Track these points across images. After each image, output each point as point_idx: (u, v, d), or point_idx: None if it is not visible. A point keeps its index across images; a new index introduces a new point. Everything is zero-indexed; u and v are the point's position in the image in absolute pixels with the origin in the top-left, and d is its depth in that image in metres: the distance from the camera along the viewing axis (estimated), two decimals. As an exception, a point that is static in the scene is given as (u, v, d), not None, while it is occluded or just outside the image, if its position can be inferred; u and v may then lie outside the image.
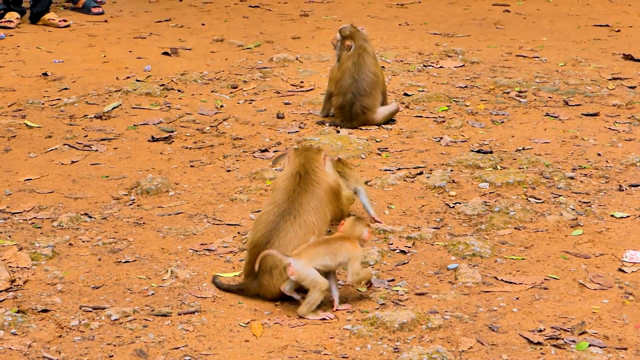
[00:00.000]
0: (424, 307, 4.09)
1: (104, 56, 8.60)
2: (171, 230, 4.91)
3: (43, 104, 7.13)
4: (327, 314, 4.01)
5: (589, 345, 3.77)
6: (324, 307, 4.05)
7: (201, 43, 9.16)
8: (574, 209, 5.12)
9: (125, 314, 4.01)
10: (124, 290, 4.26)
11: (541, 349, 3.77)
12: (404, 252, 4.66)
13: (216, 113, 6.92)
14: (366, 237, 4.13)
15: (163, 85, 7.60)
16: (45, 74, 7.91)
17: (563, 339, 3.82)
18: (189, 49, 8.88)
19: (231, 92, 7.47)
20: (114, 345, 3.79)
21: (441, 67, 8.17)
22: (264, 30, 9.79)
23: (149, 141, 6.33)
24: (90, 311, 4.05)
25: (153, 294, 4.23)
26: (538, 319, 4.00)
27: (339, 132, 6.44)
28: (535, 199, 5.27)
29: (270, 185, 5.35)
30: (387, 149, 6.17)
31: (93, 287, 4.29)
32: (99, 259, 4.58)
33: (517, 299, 4.18)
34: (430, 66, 8.19)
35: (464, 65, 8.24)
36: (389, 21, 10.29)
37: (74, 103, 7.13)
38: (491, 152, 6.01)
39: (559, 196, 5.30)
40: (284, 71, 8.05)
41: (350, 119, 6.54)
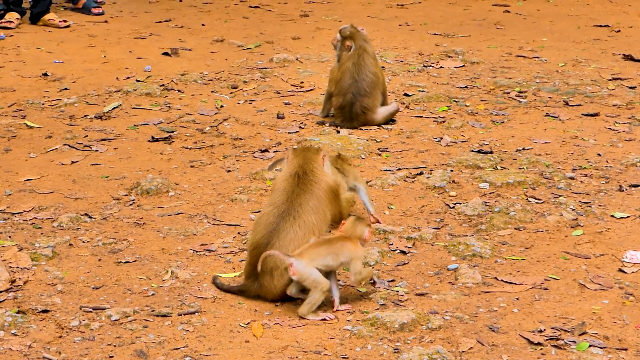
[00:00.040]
0: (424, 308, 4.09)
1: (104, 56, 8.60)
2: (171, 230, 4.91)
3: (43, 104, 7.13)
4: (328, 315, 4.01)
5: (589, 346, 3.76)
6: (324, 307, 4.05)
7: (201, 43, 9.16)
8: (574, 209, 5.12)
9: (125, 314, 4.01)
10: (124, 291, 4.26)
11: (541, 349, 3.77)
12: (404, 252, 4.65)
13: (216, 113, 6.92)
14: (367, 236, 4.13)
15: (163, 85, 7.60)
16: (46, 74, 7.91)
17: (563, 339, 3.82)
18: (189, 50, 8.88)
19: (231, 93, 7.46)
20: (114, 346, 3.79)
21: (441, 67, 8.17)
22: (264, 30, 9.79)
23: (149, 141, 6.33)
24: (91, 312, 4.05)
25: (153, 294, 4.23)
26: (538, 320, 4.00)
27: (339, 132, 6.43)
28: (536, 199, 5.27)
29: (270, 186, 5.35)
30: (387, 149, 6.16)
31: (93, 288, 4.29)
32: (99, 260, 4.58)
33: (517, 299, 4.18)
34: (430, 66, 8.19)
35: (464, 65, 8.24)
36: (389, 21, 10.29)
37: (74, 103, 7.13)
38: (491, 153, 6.01)
39: (559, 196, 5.30)
40: (284, 71, 8.05)
41: (351, 119, 6.54)
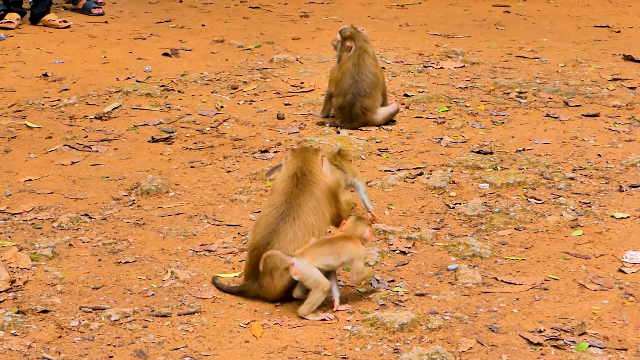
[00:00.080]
0: (424, 308, 4.09)
1: (104, 57, 8.60)
2: (171, 230, 4.91)
3: (43, 104, 7.13)
4: (327, 315, 4.01)
5: (589, 346, 3.76)
6: (323, 307, 4.05)
7: (201, 44, 9.16)
8: (574, 210, 5.12)
9: (125, 314, 4.01)
10: (124, 291, 4.26)
11: (541, 349, 3.77)
12: (404, 252, 4.65)
13: (216, 114, 6.92)
14: (368, 236, 4.14)
15: (163, 86, 7.60)
16: (46, 75, 7.91)
17: (563, 339, 3.82)
18: (189, 50, 8.88)
19: (231, 93, 7.46)
20: (114, 346, 3.79)
21: (441, 67, 8.17)
22: (264, 31, 9.79)
23: (149, 142, 6.33)
24: (90, 312, 4.05)
25: (153, 294, 4.23)
26: (538, 320, 4.00)
27: (339, 132, 6.44)
28: (536, 199, 5.26)
29: (269, 187, 5.35)
30: (387, 149, 6.16)
31: (93, 288, 4.29)
32: (99, 260, 4.58)
33: (517, 299, 4.18)
34: (430, 67, 8.19)
35: (464, 66, 8.24)
36: (389, 22, 10.29)
37: (74, 104, 7.13)
38: (491, 153, 6.01)
39: (559, 197, 5.30)
40: (284, 72, 8.05)
41: (351, 119, 6.54)
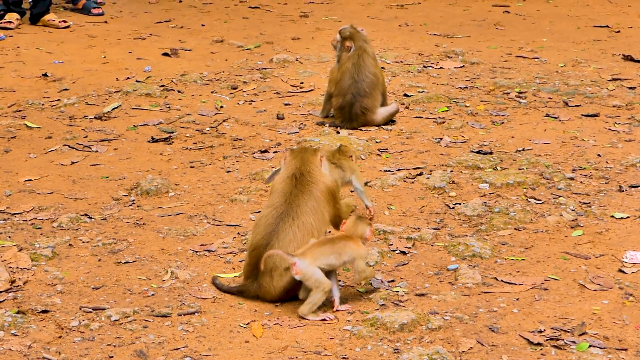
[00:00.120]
0: (424, 308, 4.09)
1: (104, 57, 8.60)
2: (171, 231, 4.91)
3: (43, 104, 7.13)
4: (328, 315, 4.01)
5: (589, 346, 3.76)
6: (324, 307, 4.05)
7: (201, 44, 9.16)
8: (574, 210, 5.12)
9: (125, 314, 4.00)
10: (124, 291, 4.26)
11: (541, 349, 3.77)
12: (404, 252, 4.65)
13: (216, 114, 6.92)
14: (368, 235, 4.14)
15: (163, 86, 7.60)
16: (45, 75, 7.91)
17: (563, 339, 3.82)
18: (189, 50, 8.88)
19: (231, 93, 7.46)
20: (114, 346, 3.78)
21: (441, 67, 8.17)
22: (263, 31, 9.79)
23: (148, 142, 6.33)
24: (90, 312, 4.05)
25: (153, 294, 4.23)
26: (538, 320, 4.00)
27: (338, 132, 6.44)
28: (535, 199, 5.27)
29: (269, 187, 5.34)
30: (387, 149, 6.16)
31: (93, 288, 4.29)
32: (99, 260, 4.58)
33: (517, 299, 4.18)
34: (430, 67, 8.19)
35: (463, 66, 8.24)
36: (389, 22, 10.29)
37: (73, 104, 7.13)
38: (491, 153, 6.01)
39: (559, 197, 5.30)
40: (284, 72, 8.05)
41: (350, 119, 6.54)
